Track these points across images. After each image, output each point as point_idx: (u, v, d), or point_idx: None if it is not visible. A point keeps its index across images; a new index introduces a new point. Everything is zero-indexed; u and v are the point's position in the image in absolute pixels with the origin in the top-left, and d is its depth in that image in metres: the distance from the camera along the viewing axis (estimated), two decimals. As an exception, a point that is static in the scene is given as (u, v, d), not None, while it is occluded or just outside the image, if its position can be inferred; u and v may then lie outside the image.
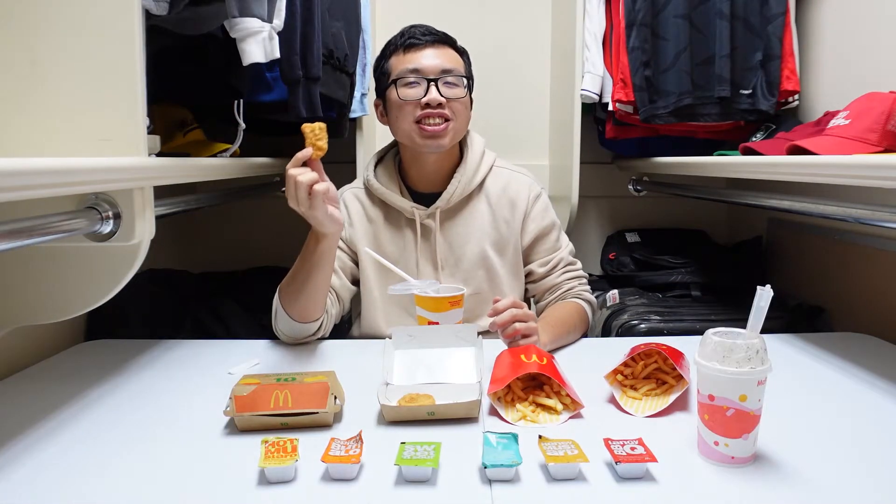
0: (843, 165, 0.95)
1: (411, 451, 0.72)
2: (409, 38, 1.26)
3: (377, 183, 1.31)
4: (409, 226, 1.31)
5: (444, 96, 1.23)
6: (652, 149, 1.85)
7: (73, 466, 0.75)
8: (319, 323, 1.19)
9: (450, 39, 1.30)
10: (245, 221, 2.14)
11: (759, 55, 1.60)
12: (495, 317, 1.06)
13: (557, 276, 1.33)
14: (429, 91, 1.22)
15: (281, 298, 1.16)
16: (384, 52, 1.30)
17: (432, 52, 1.25)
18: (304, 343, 1.21)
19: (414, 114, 1.23)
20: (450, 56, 1.27)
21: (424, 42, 1.25)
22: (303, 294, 1.13)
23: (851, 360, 1.11)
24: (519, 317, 1.06)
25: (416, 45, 1.25)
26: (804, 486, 0.69)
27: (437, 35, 1.27)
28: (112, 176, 0.80)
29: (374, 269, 1.31)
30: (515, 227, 1.32)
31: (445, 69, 1.24)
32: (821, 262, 1.65)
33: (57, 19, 0.82)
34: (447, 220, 1.31)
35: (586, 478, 0.71)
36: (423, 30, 1.27)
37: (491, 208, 1.32)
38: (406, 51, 1.25)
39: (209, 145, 1.34)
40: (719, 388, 0.71)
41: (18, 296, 0.99)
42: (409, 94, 1.23)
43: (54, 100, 0.84)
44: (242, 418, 0.83)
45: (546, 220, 1.35)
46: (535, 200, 1.34)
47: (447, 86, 1.24)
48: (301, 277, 1.12)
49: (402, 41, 1.27)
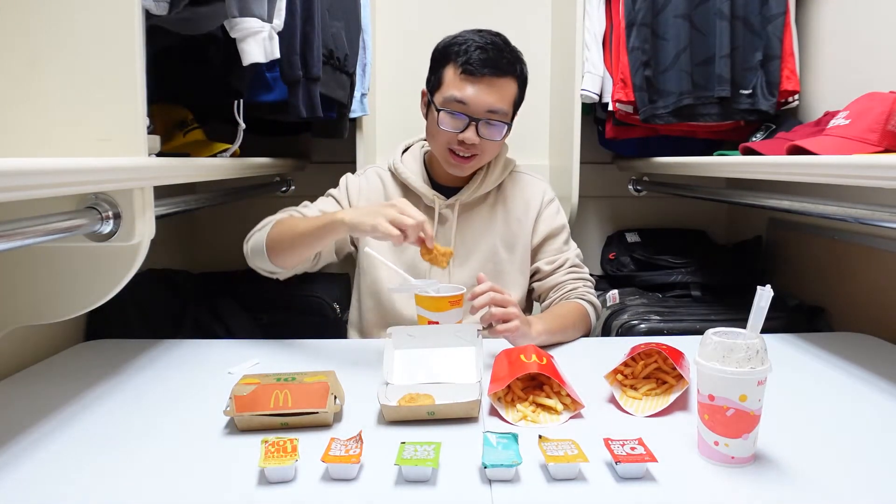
0: (843, 165, 0.95)
1: (411, 451, 0.72)
2: (469, 62, 1.19)
3: (403, 166, 1.35)
4: (427, 213, 1.32)
5: (481, 136, 1.22)
6: (652, 149, 1.85)
7: (73, 466, 0.75)
8: (286, 271, 1.24)
9: (512, 68, 1.23)
10: (245, 221, 2.12)
11: (759, 55, 1.60)
12: (473, 299, 1.08)
13: (562, 275, 1.35)
14: (467, 129, 1.21)
15: (269, 238, 1.19)
16: (445, 52, 1.24)
17: (487, 86, 1.20)
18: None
19: (449, 141, 1.24)
20: (503, 91, 1.22)
21: (482, 74, 1.20)
22: (294, 253, 1.17)
23: (851, 360, 1.11)
24: (497, 301, 1.08)
25: (473, 73, 1.20)
26: (804, 486, 0.69)
27: (499, 67, 1.21)
28: (112, 176, 0.80)
29: (375, 269, 1.32)
30: (527, 226, 1.36)
31: (492, 109, 1.21)
32: (821, 262, 1.65)
33: (57, 19, 0.82)
34: (463, 213, 1.34)
35: (586, 478, 0.71)
36: (486, 58, 1.19)
37: (506, 207, 1.36)
38: (462, 73, 1.20)
39: (209, 145, 1.34)
40: (719, 388, 0.71)
41: (18, 296, 0.99)
42: (449, 124, 1.22)
43: (54, 100, 0.84)
44: (242, 418, 0.83)
45: (557, 222, 1.39)
46: (548, 203, 1.39)
47: (488, 126, 1.22)
48: (301, 242, 1.14)
49: (463, 59, 1.20)
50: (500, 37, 1.24)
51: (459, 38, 1.23)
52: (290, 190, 2.04)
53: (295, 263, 1.21)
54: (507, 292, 1.11)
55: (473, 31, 1.24)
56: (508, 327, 1.08)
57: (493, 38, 1.22)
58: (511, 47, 1.24)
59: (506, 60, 1.21)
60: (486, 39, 1.21)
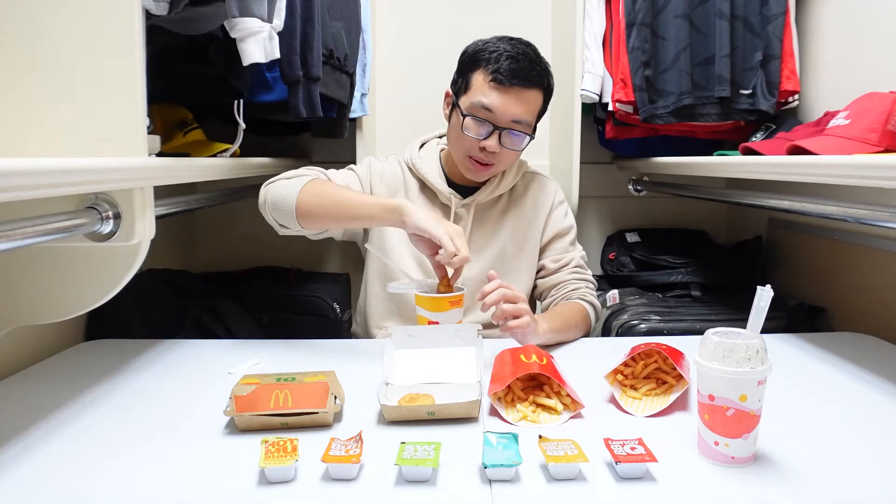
0: (843, 165, 0.95)
1: (411, 451, 0.72)
2: (499, 70, 1.18)
3: (421, 162, 1.36)
4: (443, 210, 1.34)
5: (503, 145, 1.23)
6: (652, 149, 1.85)
7: (73, 466, 0.75)
8: (309, 234, 1.22)
9: (541, 80, 1.23)
10: (245, 221, 2.14)
11: (759, 55, 1.60)
12: (484, 298, 1.07)
13: (566, 274, 1.36)
14: (490, 137, 1.21)
15: (300, 199, 1.13)
16: (475, 57, 1.22)
17: (515, 96, 1.20)
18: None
19: (470, 147, 1.24)
20: (529, 103, 1.22)
21: (512, 84, 1.19)
22: (331, 220, 1.17)
23: (851, 360, 1.11)
24: (508, 297, 1.08)
25: (502, 82, 1.19)
26: (804, 486, 0.69)
27: (529, 79, 1.20)
28: (112, 176, 0.80)
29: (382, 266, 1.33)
30: (537, 225, 1.38)
31: (517, 120, 1.21)
32: (821, 262, 1.65)
33: (57, 19, 0.82)
34: (477, 213, 1.35)
35: (586, 478, 0.71)
36: (517, 68, 1.18)
37: (518, 207, 1.38)
38: (492, 81, 1.20)
39: (209, 145, 1.34)
40: (719, 388, 0.71)
41: (18, 296, 0.99)
42: (473, 130, 1.22)
43: (54, 100, 0.84)
44: (242, 418, 0.83)
45: (565, 223, 1.41)
46: (558, 204, 1.42)
47: (511, 136, 1.23)
48: (346, 213, 1.13)
49: (493, 67, 1.19)
50: (531, 47, 1.23)
51: (490, 44, 1.22)
52: (290, 190, 2.04)
53: (324, 228, 1.21)
54: (512, 288, 1.11)
55: (504, 39, 1.23)
56: (519, 323, 1.08)
57: (525, 49, 1.22)
58: (541, 59, 1.24)
59: (535, 73, 1.21)
60: (517, 49, 1.20)
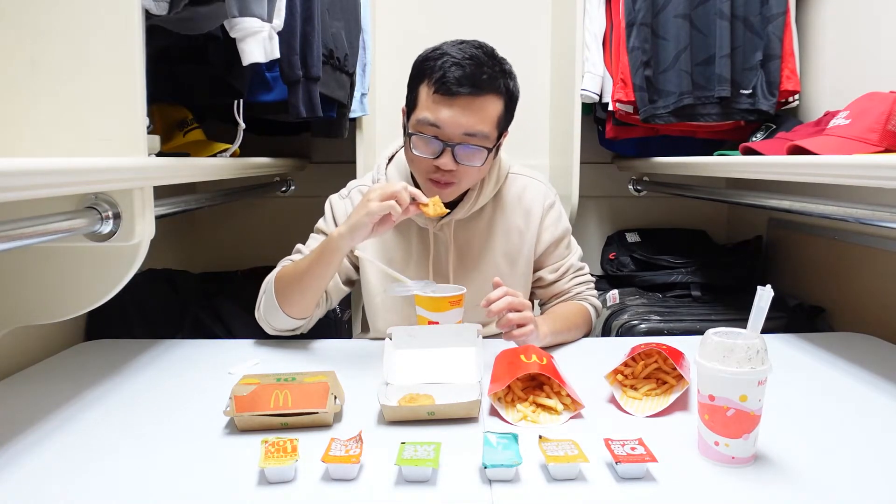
0: (843, 165, 0.95)
1: (411, 451, 0.72)
2: (443, 80, 1.05)
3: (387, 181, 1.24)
4: (420, 234, 1.24)
5: (459, 162, 1.10)
6: (652, 149, 1.85)
7: (73, 466, 0.75)
8: (307, 320, 1.19)
9: (494, 85, 1.08)
10: (245, 221, 2.15)
11: (759, 55, 1.60)
12: (489, 305, 1.05)
13: (566, 282, 1.31)
14: (443, 154, 1.09)
15: (277, 292, 1.14)
16: (420, 68, 1.11)
17: (462, 107, 1.06)
18: (284, 336, 1.21)
19: (426, 167, 1.12)
20: (483, 112, 1.08)
21: (458, 93, 1.06)
22: (306, 293, 1.13)
23: (851, 360, 1.11)
24: (514, 305, 1.06)
25: (447, 93, 1.06)
26: (804, 486, 0.69)
27: (478, 85, 1.06)
28: (112, 176, 0.80)
29: (376, 276, 1.27)
30: (530, 237, 1.27)
31: (470, 132, 1.08)
32: (821, 262, 1.65)
33: (57, 19, 0.82)
34: (459, 230, 1.24)
35: (586, 478, 0.71)
36: (462, 75, 1.05)
37: (505, 217, 1.26)
38: (435, 93, 1.07)
39: (209, 145, 1.34)
40: (719, 388, 0.71)
41: (18, 296, 0.99)
42: (422, 149, 1.10)
43: (54, 100, 0.84)
44: (242, 418, 0.83)
45: (560, 228, 1.30)
46: (549, 209, 1.29)
47: (466, 151, 1.09)
48: (308, 279, 1.11)
49: (437, 77, 1.06)
50: (482, 48, 1.10)
51: (436, 52, 1.09)
52: (291, 190, 2.05)
53: (310, 305, 1.15)
54: (518, 294, 1.08)
55: (454, 44, 1.10)
56: (524, 332, 1.07)
57: (474, 52, 1.08)
58: (495, 60, 1.10)
59: (486, 76, 1.06)
60: (464, 53, 1.07)
